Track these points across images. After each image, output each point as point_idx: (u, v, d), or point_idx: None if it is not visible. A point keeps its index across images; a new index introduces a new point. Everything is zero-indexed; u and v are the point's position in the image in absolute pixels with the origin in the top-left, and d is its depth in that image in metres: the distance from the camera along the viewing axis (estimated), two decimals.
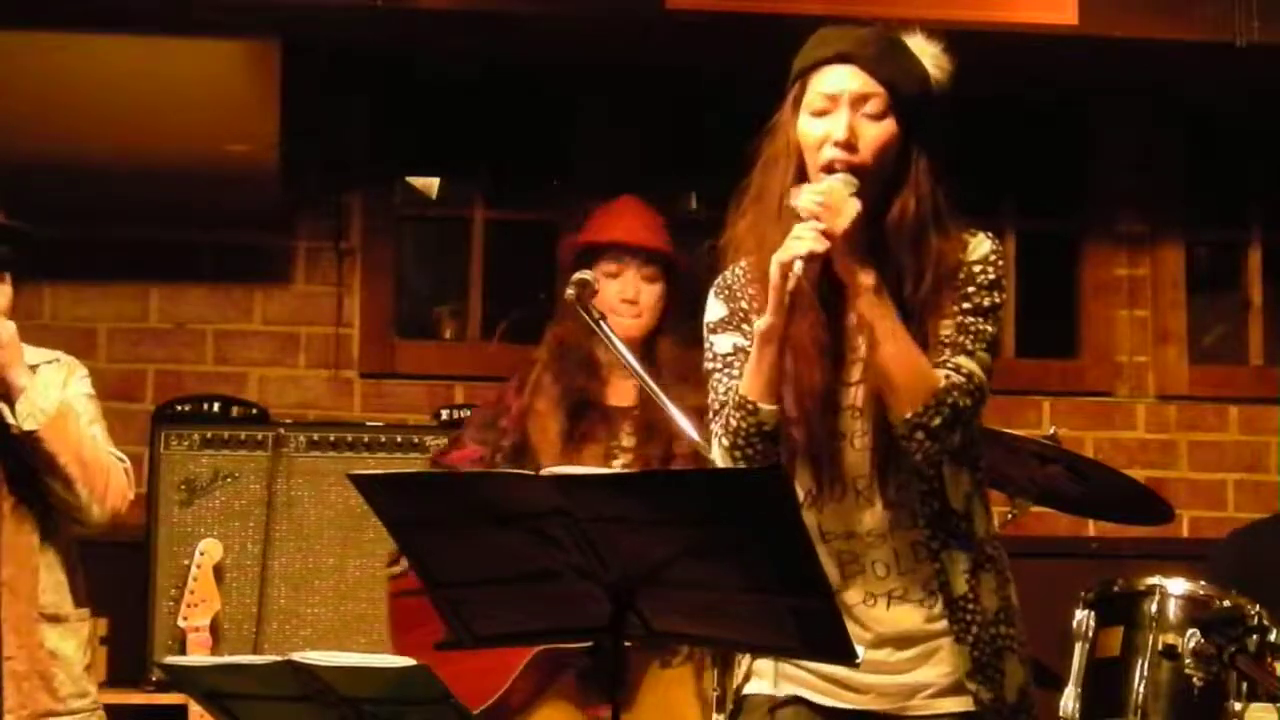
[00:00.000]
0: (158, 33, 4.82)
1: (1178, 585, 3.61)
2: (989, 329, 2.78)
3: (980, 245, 2.83)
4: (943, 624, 2.77)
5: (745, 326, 2.82)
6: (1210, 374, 5.64)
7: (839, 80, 2.77)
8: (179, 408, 4.96)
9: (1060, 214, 5.76)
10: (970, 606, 2.76)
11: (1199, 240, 5.79)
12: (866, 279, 2.68)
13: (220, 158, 4.92)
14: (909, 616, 2.77)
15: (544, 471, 2.43)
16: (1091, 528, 5.38)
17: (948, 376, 2.70)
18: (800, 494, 2.77)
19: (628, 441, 3.87)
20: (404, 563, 3.90)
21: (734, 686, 2.91)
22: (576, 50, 5.22)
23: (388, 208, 5.47)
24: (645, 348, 3.84)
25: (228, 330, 5.29)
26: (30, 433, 3.53)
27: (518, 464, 3.79)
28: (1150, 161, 5.63)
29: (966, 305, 2.77)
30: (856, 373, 2.77)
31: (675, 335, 3.86)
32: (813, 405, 2.74)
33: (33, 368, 3.68)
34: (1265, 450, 5.51)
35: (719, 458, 2.81)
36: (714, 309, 2.89)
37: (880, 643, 2.77)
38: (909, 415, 2.67)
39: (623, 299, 3.91)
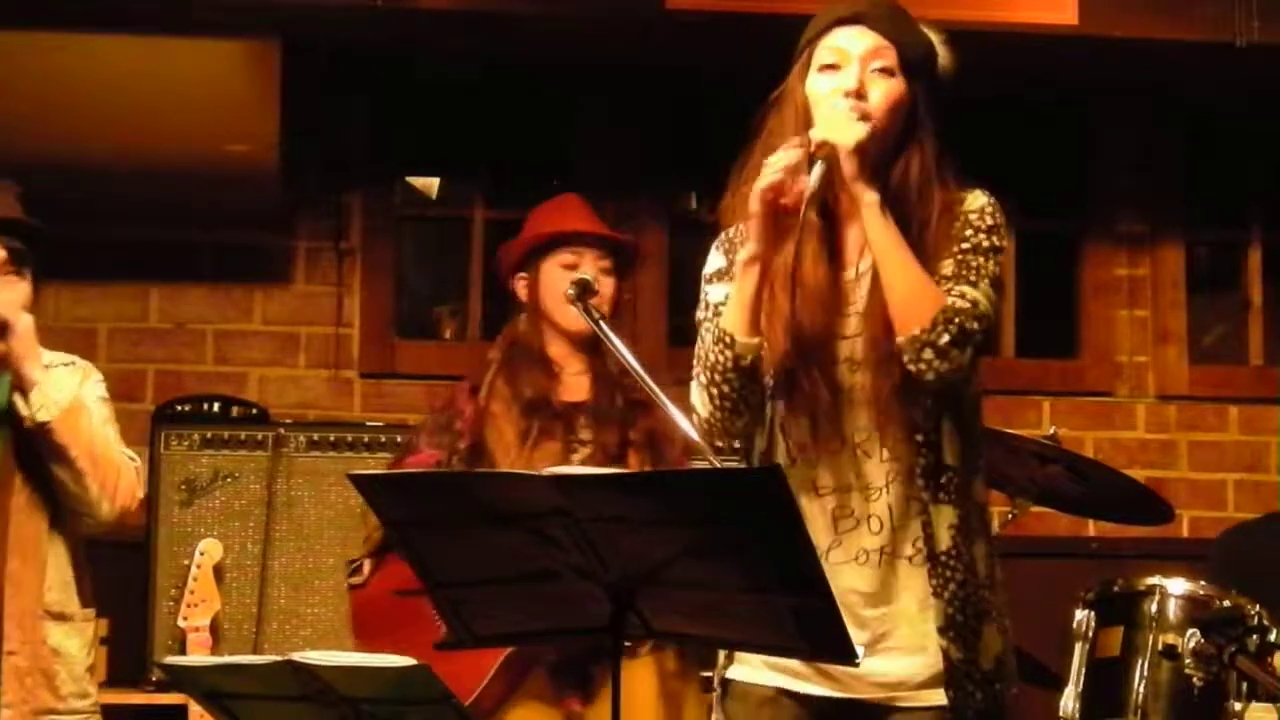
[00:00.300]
0: (158, 33, 4.82)
1: (1178, 585, 3.61)
2: (990, 266, 2.79)
3: (977, 198, 2.85)
4: (930, 582, 2.75)
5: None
6: (1210, 374, 5.64)
7: (850, 37, 2.80)
8: (179, 408, 4.96)
9: (1060, 214, 5.76)
10: (952, 563, 2.75)
11: (1199, 240, 5.79)
12: (871, 197, 2.69)
13: (220, 158, 4.92)
14: (897, 574, 2.77)
15: (544, 471, 2.43)
16: (1091, 528, 5.38)
17: (953, 300, 2.71)
18: (795, 446, 2.77)
19: (585, 435, 3.87)
20: (365, 570, 3.91)
21: (718, 669, 2.90)
22: (576, 50, 5.22)
23: (388, 208, 5.47)
24: (597, 341, 3.84)
25: (228, 330, 5.29)
26: (43, 424, 3.54)
27: (474, 466, 3.80)
28: (1150, 161, 5.63)
29: (966, 245, 2.79)
30: (854, 325, 2.78)
31: (622, 331, 3.87)
32: (815, 349, 2.75)
33: (48, 368, 3.69)
34: (1265, 450, 5.51)
35: (695, 397, 2.81)
36: (713, 261, 2.90)
37: (867, 623, 2.75)
38: (916, 331, 2.67)
39: None
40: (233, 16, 4.77)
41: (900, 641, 2.76)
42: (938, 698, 2.75)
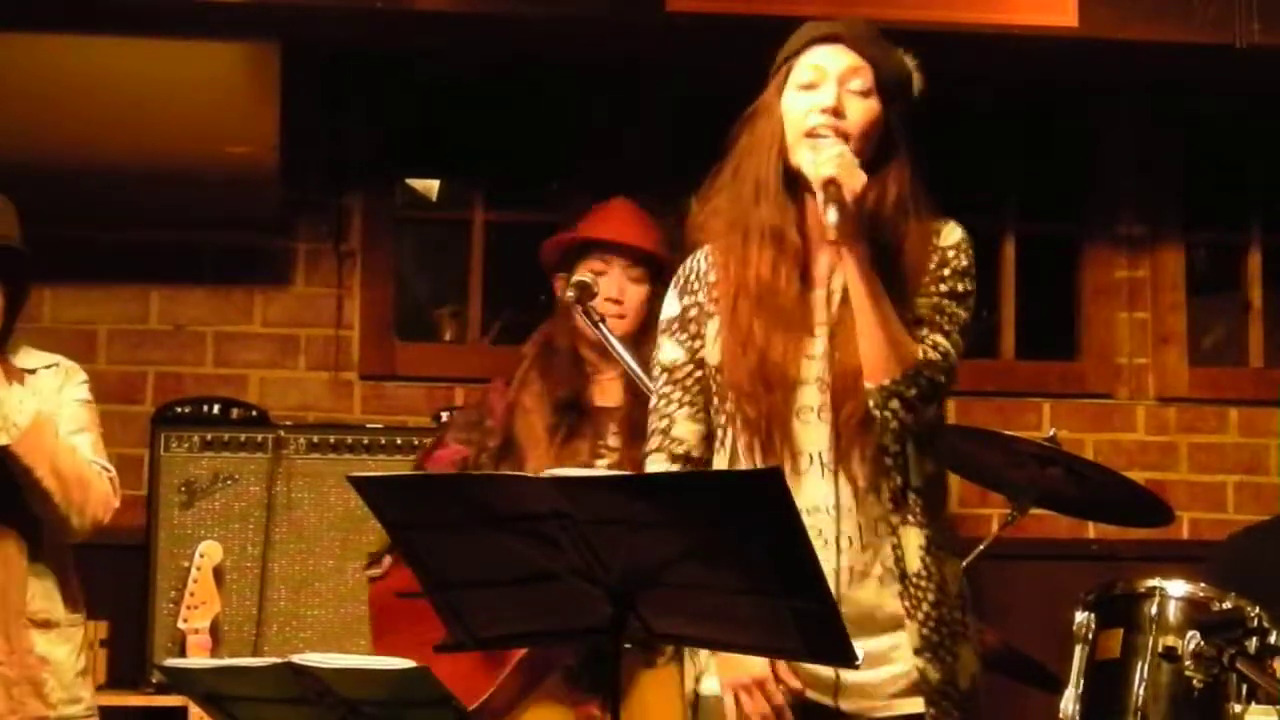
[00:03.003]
0: (158, 33, 4.82)
1: (1178, 587, 3.60)
2: (962, 314, 2.82)
3: (953, 232, 2.86)
4: (902, 604, 2.76)
5: (693, 326, 2.85)
6: (1210, 376, 5.64)
7: (827, 55, 2.81)
8: (179, 410, 4.95)
9: (1060, 216, 5.76)
10: (923, 584, 2.76)
11: (1199, 241, 5.79)
12: (861, 248, 2.70)
13: (220, 159, 4.92)
14: (870, 594, 2.77)
15: (544, 473, 2.43)
16: (1091, 530, 5.37)
17: (925, 352, 2.73)
18: (760, 466, 2.78)
19: (614, 441, 3.86)
20: (385, 564, 3.91)
21: (688, 683, 2.90)
22: (577, 51, 5.22)
23: (388, 209, 5.46)
24: (629, 350, 3.83)
25: (228, 332, 5.29)
26: (3, 447, 3.52)
27: (504, 463, 3.80)
28: (1150, 163, 5.63)
29: (944, 288, 2.80)
30: (822, 345, 2.78)
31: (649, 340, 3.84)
32: (776, 372, 2.76)
33: (31, 372, 3.68)
34: (1265, 452, 5.51)
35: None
36: (669, 305, 2.93)
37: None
38: (887, 382, 2.70)
39: (607, 298, 3.90)
40: (233, 17, 4.77)
41: (872, 659, 2.77)
42: (912, 706, 2.76)
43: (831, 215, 2.65)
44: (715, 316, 2.85)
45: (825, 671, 2.77)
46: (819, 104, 2.76)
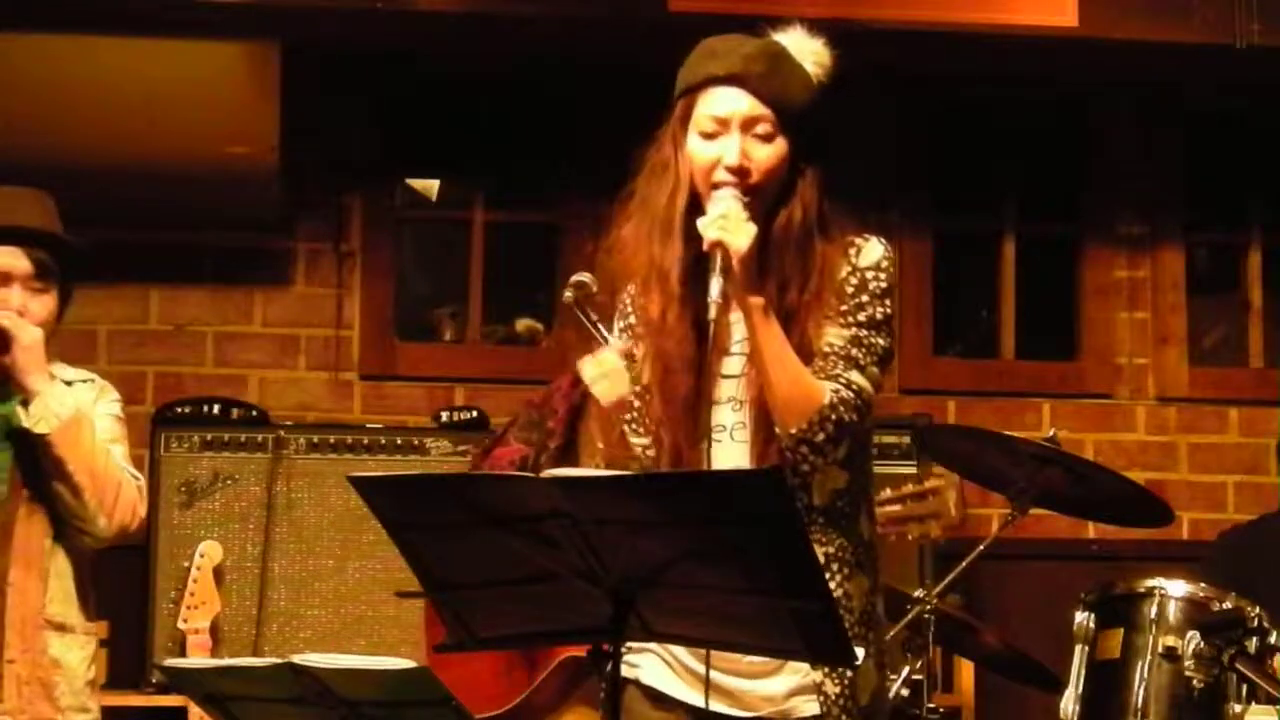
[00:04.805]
0: (158, 33, 4.83)
1: (1178, 587, 3.61)
2: (880, 343, 2.80)
3: (871, 250, 2.83)
4: None
5: (632, 343, 2.91)
6: (1210, 376, 5.64)
7: (728, 103, 2.81)
8: (179, 410, 4.95)
9: (1060, 215, 5.76)
10: None
11: (1199, 241, 5.79)
12: (757, 301, 2.72)
13: (220, 159, 4.92)
14: None
15: (544, 473, 2.43)
16: (1091, 530, 5.38)
17: (835, 391, 2.73)
18: None
19: None
20: None
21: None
22: (578, 51, 5.22)
23: (388, 209, 5.47)
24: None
25: (228, 332, 5.29)
26: (41, 436, 3.54)
27: (565, 465, 3.78)
28: (1150, 162, 5.63)
29: (861, 317, 2.79)
30: (739, 365, 2.81)
31: None
32: (681, 412, 2.80)
33: (68, 384, 3.68)
34: (1265, 452, 5.50)
35: None
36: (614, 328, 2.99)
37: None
38: (794, 430, 2.72)
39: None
40: (232, 17, 4.77)
41: (769, 665, 2.78)
42: (809, 708, 2.77)
43: (714, 288, 2.68)
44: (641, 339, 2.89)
45: (728, 680, 2.78)
46: (724, 159, 2.77)
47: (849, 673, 2.77)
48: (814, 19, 2.97)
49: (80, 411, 3.59)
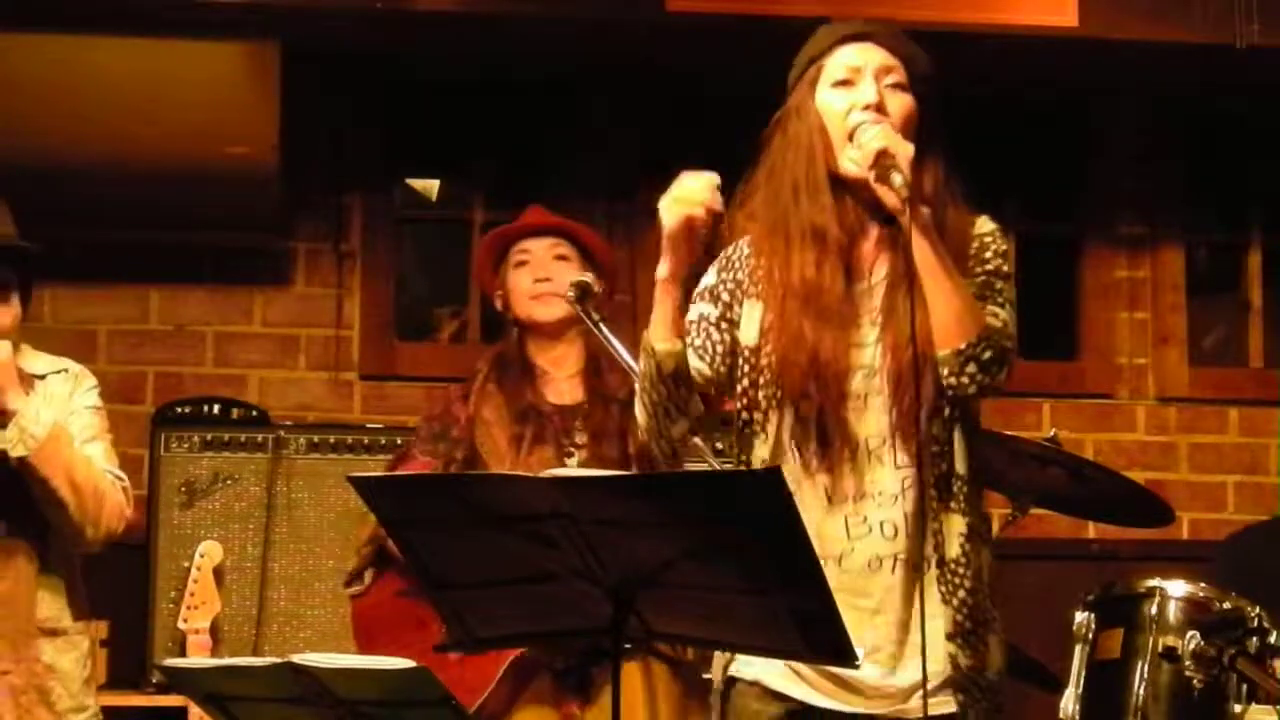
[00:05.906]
0: (158, 33, 4.82)
1: (1178, 587, 3.61)
2: (1009, 291, 2.83)
3: (986, 223, 2.88)
4: (938, 589, 2.76)
5: (725, 297, 2.87)
6: (1210, 376, 5.64)
7: (861, 54, 2.83)
8: (179, 410, 4.95)
9: (1060, 215, 5.76)
10: (961, 570, 2.76)
11: (1199, 241, 5.79)
12: (924, 209, 2.72)
13: (220, 159, 4.92)
14: (909, 581, 2.76)
15: (545, 473, 2.43)
16: (1091, 530, 5.38)
17: (994, 314, 2.76)
18: (808, 454, 2.77)
19: (579, 439, 3.84)
20: (366, 579, 3.90)
21: (718, 666, 2.88)
22: (577, 51, 5.22)
23: (388, 209, 5.47)
24: (580, 330, 3.85)
25: (228, 332, 5.29)
26: (20, 459, 3.51)
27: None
28: (1150, 162, 5.63)
29: (989, 267, 2.82)
30: (869, 334, 2.79)
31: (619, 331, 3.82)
32: (829, 370, 2.76)
33: (41, 378, 3.67)
34: (1265, 452, 5.51)
35: (635, 405, 2.87)
36: (706, 276, 2.94)
37: (877, 629, 2.75)
38: (962, 345, 2.71)
39: (535, 279, 3.90)
40: (233, 17, 4.77)
41: (912, 650, 2.75)
42: (946, 705, 2.75)
43: (896, 178, 2.67)
44: (753, 299, 2.84)
45: (856, 675, 2.75)
46: (860, 101, 2.78)
47: (982, 647, 2.76)
48: (812, 18, 2.97)
49: (58, 426, 3.56)
